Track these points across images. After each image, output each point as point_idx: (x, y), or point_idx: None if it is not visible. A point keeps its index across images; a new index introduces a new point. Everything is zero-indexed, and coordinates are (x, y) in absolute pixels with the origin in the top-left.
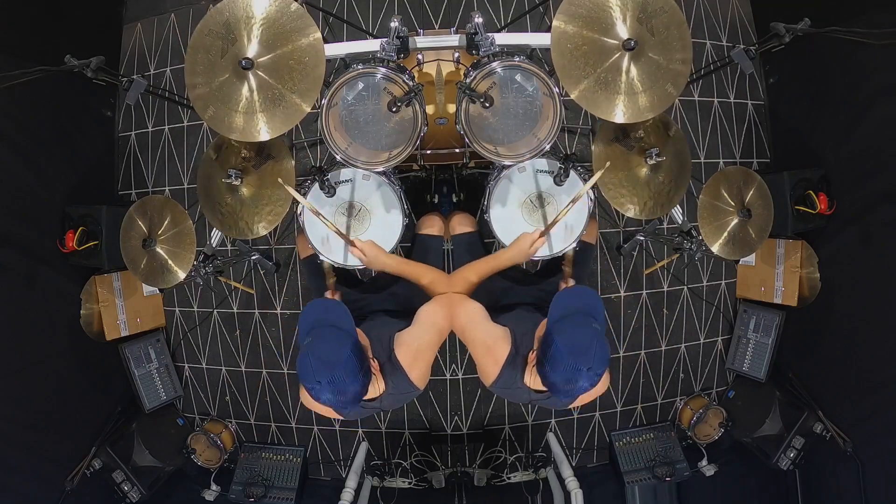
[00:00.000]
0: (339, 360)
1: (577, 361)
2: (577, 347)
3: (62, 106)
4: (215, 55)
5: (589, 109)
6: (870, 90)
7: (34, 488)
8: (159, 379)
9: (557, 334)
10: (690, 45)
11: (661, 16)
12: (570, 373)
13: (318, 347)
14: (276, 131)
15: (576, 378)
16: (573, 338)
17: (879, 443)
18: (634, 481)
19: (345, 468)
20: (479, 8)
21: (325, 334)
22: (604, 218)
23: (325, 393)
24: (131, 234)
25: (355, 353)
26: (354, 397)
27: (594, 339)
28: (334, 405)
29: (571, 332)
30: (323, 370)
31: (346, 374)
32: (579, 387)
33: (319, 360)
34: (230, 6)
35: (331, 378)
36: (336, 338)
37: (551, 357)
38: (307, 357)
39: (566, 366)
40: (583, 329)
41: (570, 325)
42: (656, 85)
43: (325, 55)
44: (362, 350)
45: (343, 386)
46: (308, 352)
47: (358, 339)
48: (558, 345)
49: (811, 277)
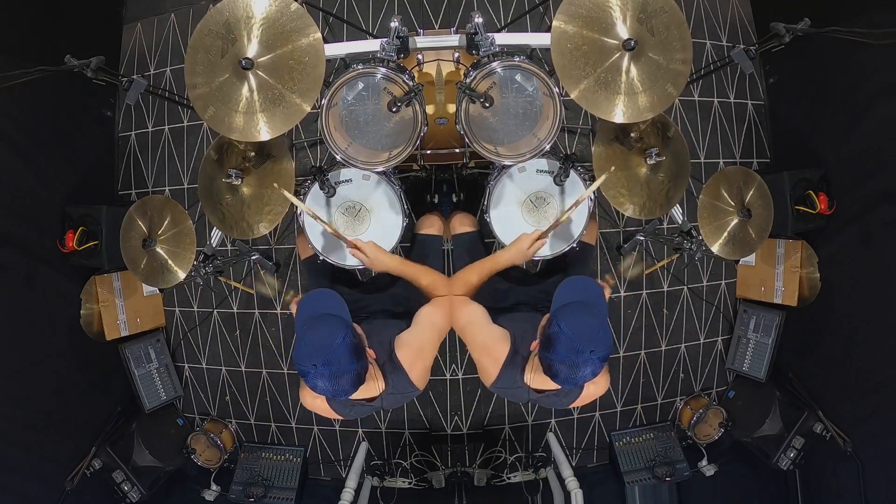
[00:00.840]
0: (334, 342)
1: (581, 344)
2: (581, 330)
3: (62, 106)
4: (215, 55)
5: (589, 109)
6: (870, 90)
7: (34, 488)
8: (159, 379)
9: (561, 318)
10: (690, 45)
11: (661, 16)
12: (573, 355)
13: (313, 331)
14: (276, 131)
15: (579, 361)
16: (577, 321)
17: (879, 443)
18: (634, 481)
19: (345, 468)
20: (479, 8)
21: (321, 320)
22: (604, 218)
23: (320, 379)
24: (131, 234)
25: (350, 336)
26: (351, 381)
27: (597, 322)
28: (330, 392)
29: (575, 315)
30: (317, 353)
31: (340, 355)
32: (582, 373)
33: (314, 343)
34: (230, 6)
35: (325, 360)
36: (331, 322)
37: (555, 341)
38: (302, 340)
39: (570, 348)
40: (586, 313)
41: (574, 310)
42: (656, 85)
43: (325, 55)
44: (358, 336)
45: (338, 368)
46: (303, 336)
47: (353, 326)
48: (562, 327)
49: (811, 277)
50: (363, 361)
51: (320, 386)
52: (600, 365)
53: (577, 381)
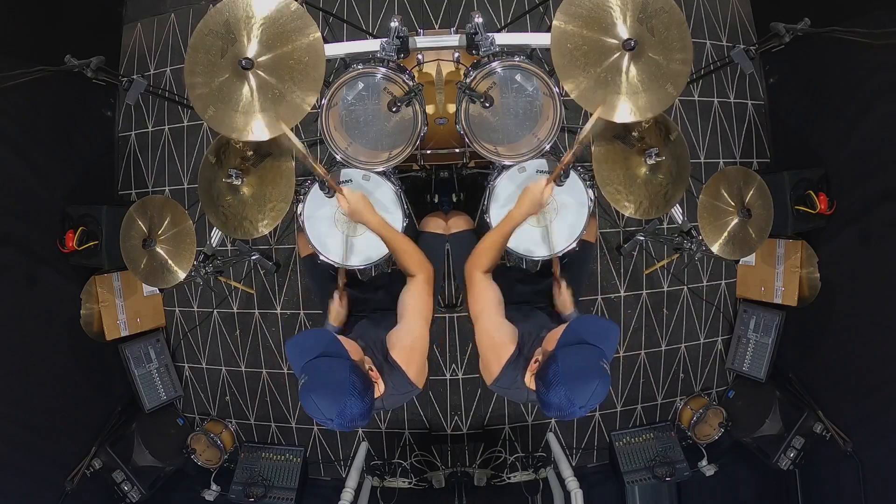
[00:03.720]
0: (342, 389)
1: (574, 395)
2: (578, 382)
3: (62, 106)
4: (215, 55)
5: (589, 109)
6: (870, 90)
7: (34, 488)
8: (159, 379)
9: (563, 360)
10: (690, 45)
11: (661, 16)
12: (564, 402)
13: (317, 384)
14: (276, 131)
15: (568, 408)
16: (577, 372)
17: (879, 443)
18: (634, 481)
19: (345, 468)
20: (479, 8)
21: (320, 367)
22: (604, 218)
23: (335, 422)
24: (131, 234)
25: (354, 373)
26: (363, 415)
27: (597, 378)
28: (343, 428)
29: (577, 365)
30: (329, 406)
31: (352, 400)
32: (570, 413)
33: (323, 396)
34: (230, 6)
35: (340, 411)
36: (331, 367)
37: (550, 380)
38: (310, 397)
39: (561, 395)
40: (589, 365)
41: (578, 357)
42: (656, 85)
43: (325, 55)
44: (360, 368)
45: (351, 411)
46: (309, 392)
47: (352, 360)
48: (560, 372)
49: (811, 277)
50: (371, 390)
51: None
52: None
53: (566, 418)
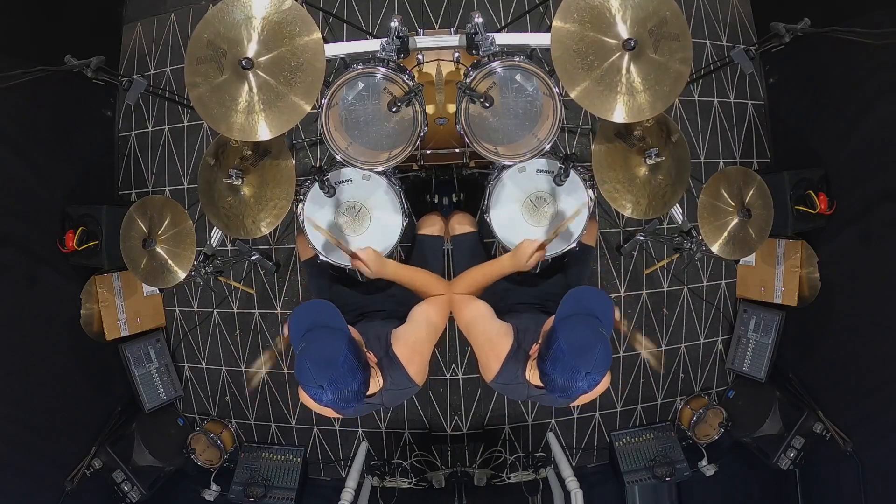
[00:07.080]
0: (337, 359)
1: (578, 363)
2: (580, 348)
3: (62, 106)
4: (214, 71)
5: (589, 109)
6: (870, 90)
7: (34, 488)
8: (159, 379)
9: (562, 332)
10: (690, 45)
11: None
12: (568, 373)
13: (313, 350)
14: (276, 131)
15: (574, 379)
16: (577, 338)
17: (879, 443)
18: (634, 481)
19: (345, 468)
20: (479, 8)
21: (319, 335)
22: (604, 218)
23: (327, 395)
24: (131, 234)
25: (351, 349)
26: (356, 394)
27: (598, 342)
28: (337, 406)
29: (577, 332)
30: (322, 373)
31: (345, 372)
32: (576, 387)
33: (317, 362)
34: (229, 12)
35: (331, 379)
36: (330, 336)
37: (553, 354)
38: (304, 362)
39: (566, 365)
40: (588, 331)
41: (577, 325)
42: (656, 85)
43: (325, 55)
44: (357, 345)
45: (344, 384)
46: (304, 356)
47: (351, 335)
48: (561, 343)
49: (811, 277)
50: (367, 371)
51: (327, 400)
52: (595, 383)
53: (571, 394)
